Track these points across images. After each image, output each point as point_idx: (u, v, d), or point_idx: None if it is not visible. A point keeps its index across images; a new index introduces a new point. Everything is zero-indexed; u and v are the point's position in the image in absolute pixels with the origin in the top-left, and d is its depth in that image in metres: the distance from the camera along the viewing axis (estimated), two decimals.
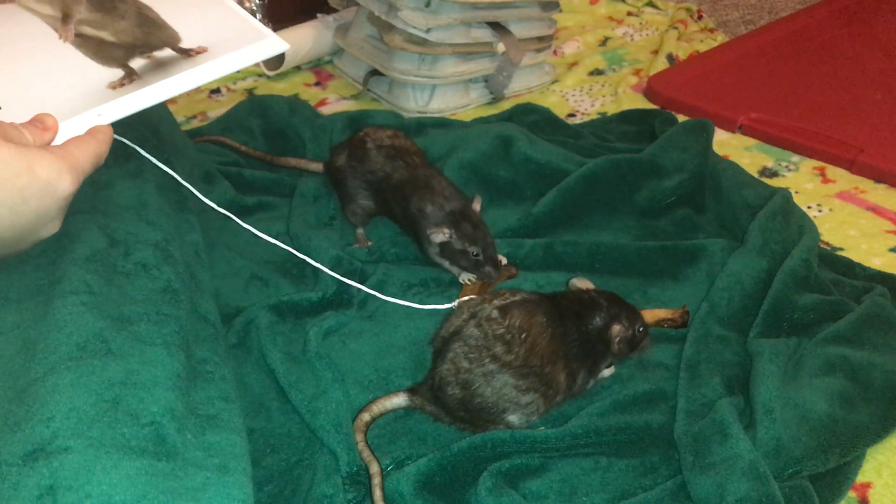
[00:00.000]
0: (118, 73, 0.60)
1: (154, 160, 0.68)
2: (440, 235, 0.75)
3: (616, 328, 0.65)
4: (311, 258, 0.76)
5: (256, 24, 0.64)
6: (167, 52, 0.62)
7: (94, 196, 0.60)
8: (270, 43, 0.63)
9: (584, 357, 0.65)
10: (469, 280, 0.77)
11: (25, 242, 0.53)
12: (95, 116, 0.57)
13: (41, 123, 0.54)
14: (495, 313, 0.62)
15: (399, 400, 0.64)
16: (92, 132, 0.56)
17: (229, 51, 0.62)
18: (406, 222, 0.81)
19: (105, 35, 0.60)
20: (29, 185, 0.48)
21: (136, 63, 0.61)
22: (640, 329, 0.66)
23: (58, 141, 0.55)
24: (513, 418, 0.62)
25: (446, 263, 0.78)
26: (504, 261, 0.79)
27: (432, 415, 0.64)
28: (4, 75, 0.59)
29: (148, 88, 0.59)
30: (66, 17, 0.59)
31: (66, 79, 0.59)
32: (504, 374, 0.60)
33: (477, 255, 0.75)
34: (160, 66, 0.60)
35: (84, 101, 0.57)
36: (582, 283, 0.70)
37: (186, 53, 0.62)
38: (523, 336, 0.61)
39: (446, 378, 0.61)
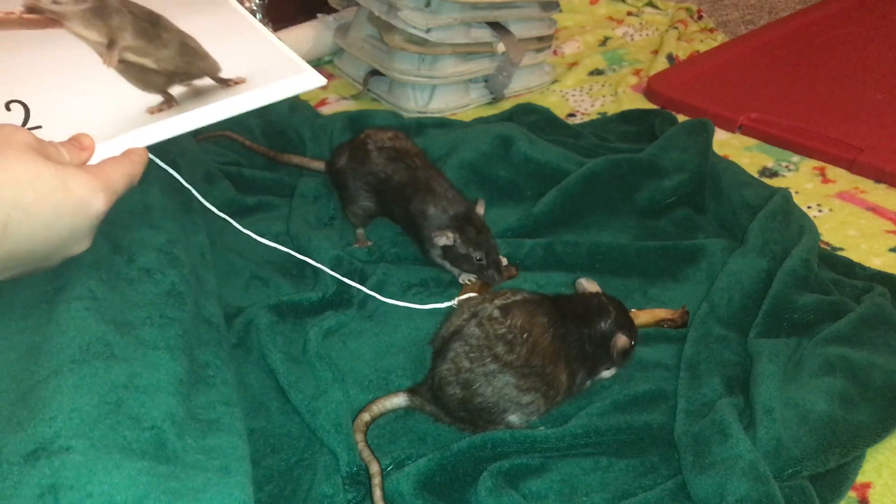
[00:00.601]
0: (157, 98, 0.61)
1: (159, 161, 0.68)
2: (444, 239, 0.75)
3: (622, 339, 0.65)
4: (311, 258, 0.76)
5: (295, 59, 0.65)
6: (206, 81, 0.63)
7: None
8: (308, 77, 0.63)
9: (584, 358, 0.65)
10: (469, 280, 0.77)
11: (55, 259, 0.54)
12: (132, 139, 0.58)
13: (79, 143, 0.55)
14: (496, 313, 0.62)
15: (399, 400, 0.64)
16: (127, 153, 0.56)
17: (267, 83, 0.63)
18: (407, 223, 0.81)
19: (147, 62, 0.62)
20: (63, 202, 0.49)
21: (176, 90, 0.62)
22: (634, 342, 0.67)
23: (94, 161, 0.55)
24: (513, 418, 0.62)
25: (448, 265, 0.78)
26: (504, 261, 0.79)
27: (432, 415, 0.64)
28: (47, 96, 0.60)
29: (185, 115, 0.60)
30: (111, 44, 0.61)
31: (106, 102, 0.60)
32: (505, 373, 0.60)
33: (481, 259, 0.75)
34: (199, 94, 0.61)
35: (122, 124, 0.58)
36: (590, 284, 0.69)
37: (225, 83, 0.63)
38: (525, 336, 0.61)
39: (446, 378, 0.61)
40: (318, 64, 1.31)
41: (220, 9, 0.69)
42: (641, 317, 0.74)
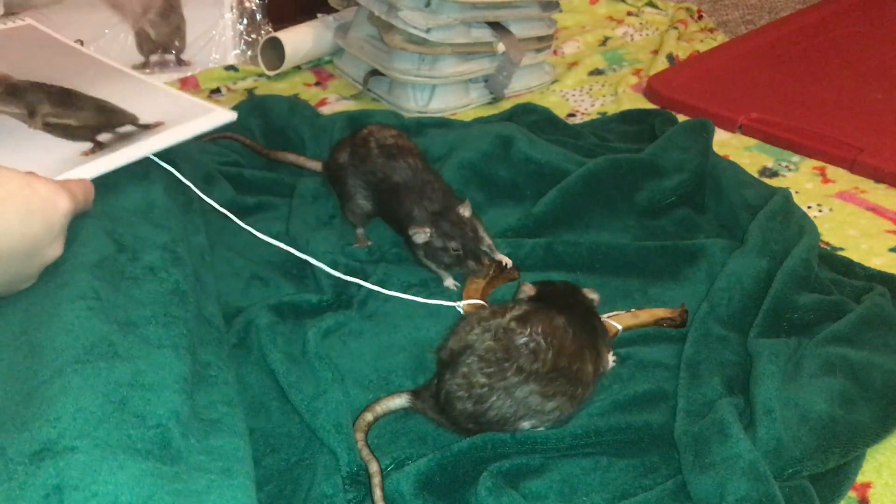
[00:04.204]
0: (89, 144, 0.67)
1: (160, 161, 0.70)
2: (422, 235, 0.75)
3: (594, 296, 0.69)
4: (311, 258, 0.76)
5: (206, 103, 0.75)
6: (130, 128, 0.70)
7: (101, 200, 0.62)
8: (219, 114, 0.73)
9: (597, 335, 0.66)
10: (455, 285, 0.77)
11: (33, 264, 0.54)
12: (73, 175, 0.62)
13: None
14: (514, 324, 0.61)
15: (401, 401, 0.64)
16: (79, 179, 0.60)
17: (183, 122, 0.71)
18: (397, 225, 0.81)
19: (70, 122, 0.69)
20: (31, 198, 0.52)
21: (103, 137, 0.68)
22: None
23: None
24: (526, 424, 0.61)
25: (433, 266, 0.78)
26: (509, 262, 0.78)
27: (434, 420, 0.63)
28: None
29: (116, 153, 0.66)
30: (32, 114, 0.68)
31: (42, 152, 0.65)
32: (529, 383, 0.59)
33: (457, 249, 0.75)
34: (125, 138, 0.68)
35: (61, 166, 0.63)
36: (530, 288, 0.69)
37: (146, 127, 0.70)
38: (549, 340, 0.60)
39: (455, 392, 0.60)
40: (318, 64, 1.31)
41: (129, 79, 0.78)
42: (641, 316, 0.74)
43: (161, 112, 0.72)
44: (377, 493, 0.56)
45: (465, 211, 0.77)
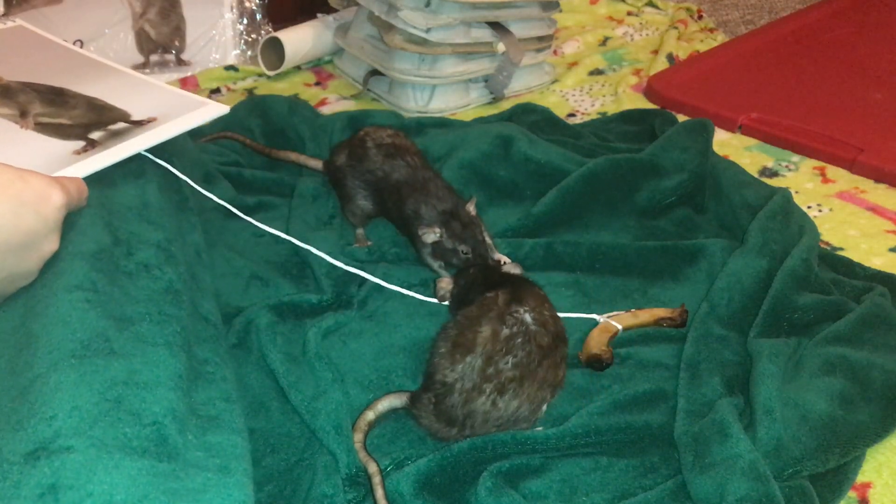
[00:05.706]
0: (81, 143, 0.67)
1: (156, 159, 0.70)
2: (431, 235, 0.75)
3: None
4: (311, 257, 0.76)
5: (197, 97, 0.75)
6: (122, 125, 0.70)
7: (98, 194, 0.62)
8: (212, 108, 0.73)
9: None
10: None
11: (31, 257, 0.54)
12: (67, 174, 0.62)
13: None
14: (513, 305, 0.62)
15: (402, 401, 0.64)
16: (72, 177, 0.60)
17: (176, 117, 0.71)
18: (401, 223, 0.81)
19: (62, 120, 0.68)
20: (23, 191, 0.52)
21: (95, 134, 0.68)
22: None
23: None
24: (544, 406, 0.62)
25: (436, 265, 0.78)
26: (508, 261, 0.78)
27: (429, 430, 0.63)
28: None
29: (108, 151, 0.66)
30: (23, 114, 0.68)
31: (34, 152, 0.65)
32: (547, 357, 0.61)
33: (467, 253, 0.75)
34: (118, 135, 0.68)
35: (53, 165, 0.63)
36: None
37: (139, 124, 0.70)
38: (547, 307, 0.63)
39: (480, 408, 0.60)
40: (318, 64, 1.31)
41: (120, 76, 0.78)
42: (641, 316, 0.74)
43: (153, 108, 0.72)
44: (379, 492, 0.56)
45: (472, 209, 0.78)
